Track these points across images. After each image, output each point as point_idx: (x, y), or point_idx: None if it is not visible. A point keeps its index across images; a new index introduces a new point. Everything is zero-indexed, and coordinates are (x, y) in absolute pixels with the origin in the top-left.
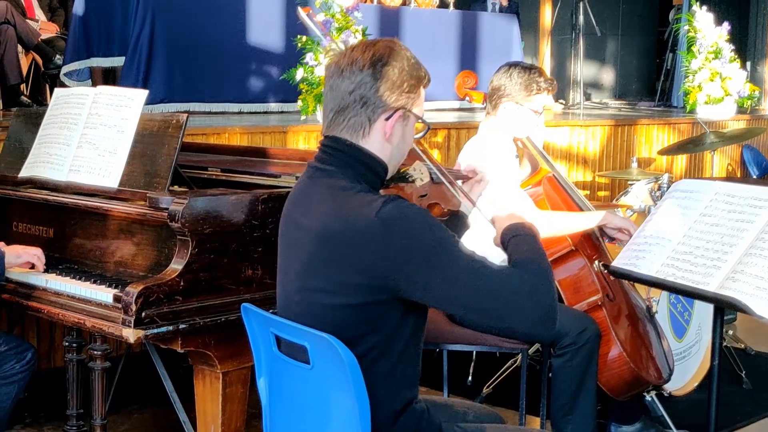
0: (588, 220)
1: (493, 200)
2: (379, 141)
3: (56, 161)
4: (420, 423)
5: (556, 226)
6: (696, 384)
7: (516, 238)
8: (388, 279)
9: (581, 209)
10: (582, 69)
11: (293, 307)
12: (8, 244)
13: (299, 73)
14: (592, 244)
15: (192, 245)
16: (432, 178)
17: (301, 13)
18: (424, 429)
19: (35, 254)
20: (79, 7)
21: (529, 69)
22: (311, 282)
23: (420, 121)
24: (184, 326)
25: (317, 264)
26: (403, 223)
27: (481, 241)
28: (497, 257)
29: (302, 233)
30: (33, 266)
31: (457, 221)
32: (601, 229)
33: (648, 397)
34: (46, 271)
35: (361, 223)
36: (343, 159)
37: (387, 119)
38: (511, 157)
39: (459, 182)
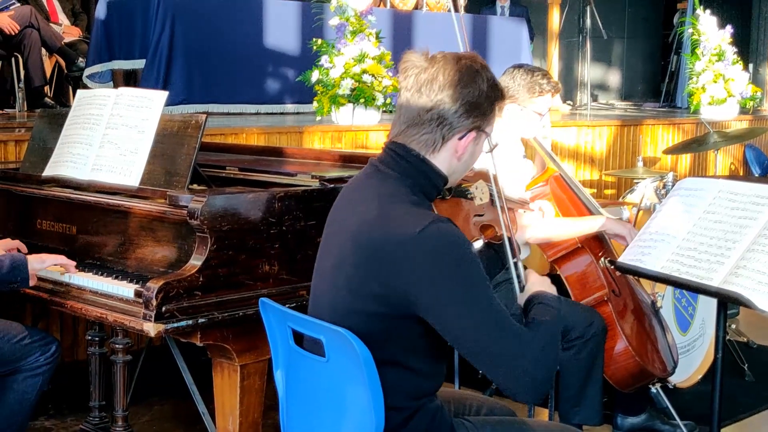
0: (587, 225)
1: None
2: (448, 157)
3: (79, 160)
4: (433, 422)
5: (556, 230)
6: (700, 376)
7: (541, 305)
8: (409, 295)
9: (587, 207)
10: (589, 71)
11: (324, 305)
12: (32, 241)
13: (314, 75)
14: (599, 241)
15: (211, 242)
16: (492, 200)
17: None
18: (436, 427)
19: (60, 262)
20: (101, 11)
21: (533, 71)
22: (339, 281)
23: (490, 139)
24: (203, 320)
25: (347, 264)
26: (441, 248)
27: None
28: None
29: (342, 229)
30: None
31: (505, 247)
32: None
33: (653, 390)
34: None
35: (401, 234)
36: (406, 167)
37: (460, 139)
38: (519, 157)
39: (521, 211)
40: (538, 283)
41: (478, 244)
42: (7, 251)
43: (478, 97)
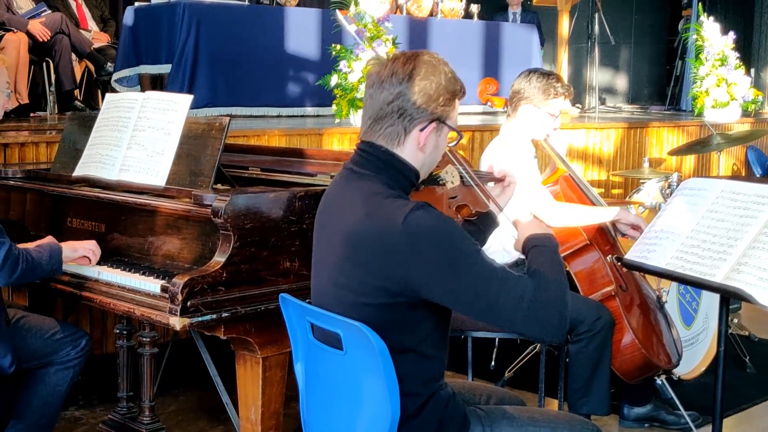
0: (603, 214)
1: (517, 196)
2: (413, 149)
3: (107, 161)
4: (446, 409)
5: (573, 217)
6: (703, 369)
7: (536, 248)
8: (409, 282)
9: (595, 206)
10: (597, 75)
11: (326, 300)
12: (63, 238)
13: (333, 80)
14: (606, 238)
15: (234, 239)
16: (462, 181)
17: (339, 15)
18: (449, 415)
19: (90, 248)
20: (128, 18)
21: (548, 75)
22: (340, 279)
23: (453, 130)
24: (226, 315)
25: (345, 263)
26: (427, 231)
27: (503, 241)
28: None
29: (334, 232)
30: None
31: (486, 220)
32: (614, 224)
33: (658, 381)
34: (98, 263)
35: (388, 228)
36: (377, 164)
37: (422, 130)
38: (530, 157)
39: (490, 184)
40: (528, 227)
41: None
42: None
43: (437, 89)
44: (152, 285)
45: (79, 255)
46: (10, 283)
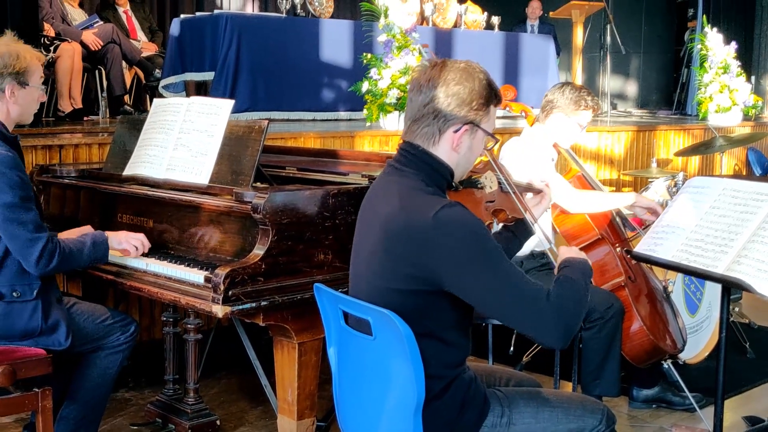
0: (621, 199)
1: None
2: (448, 149)
3: (155, 161)
4: (468, 391)
5: (592, 203)
6: (707, 354)
7: (567, 267)
8: (433, 273)
9: (612, 193)
10: (609, 82)
11: (362, 285)
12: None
13: (365, 86)
14: (617, 233)
15: (272, 234)
16: (500, 187)
17: None
18: (471, 396)
19: (137, 240)
20: (175, 29)
21: (580, 89)
22: (373, 265)
23: (487, 135)
24: (265, 303)
25: (378, 251)
26: (455, 226)
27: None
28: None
29: (371, 222)
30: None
31: (521, 227)
32: (624, 219)
33: (665, 365)
34: (146, 255)
35: (420, 220)
36: (415, 162)
37: (455, 131)
38: (549, 159)
39: (529, 195)
40: (566, 252)
41: (497, 227)
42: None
43: (470, 94)
44: (196, 276)
45: (123, 247)
46: (47, 272)
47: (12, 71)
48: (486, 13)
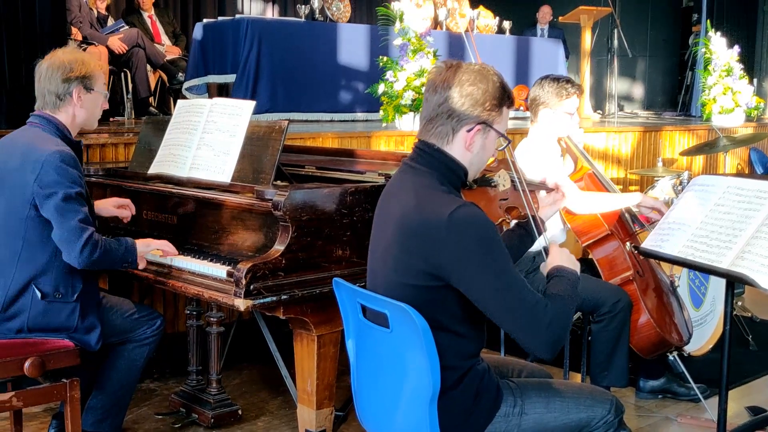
0: (626, 199)
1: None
2: (461, 148)
3: (179, 160)
4: (482, 382)
5: (599, 204)
6: (711, 346)
7: (558, 277)
8: (443, 269)
9: (618, 193)
10: (616, 85)
11: (378, 279)
12: (139, 229)
13: (381, 88)
14: (625, 229)
15: (292, 230)
16: (514, 186)
17: None
18: (485, 386)
19: (162, 247)
20: (198, 33)
21: (558, 79)
22: (389, 260)
23: (500, 135)
24: (285, 297)
25: (394, 246)
26: (467, 227)
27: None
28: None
29: (387, 219)
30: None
31: (533, 225)
32: (633, 215)
33: (671, 357)
34: None
35: (434, 218)
36: (430, 160)
37: (468, 131)
38: (556, 156)
39: (542, 193)
40: (557, 257)
41: (512, 224)
42: (118, 207)
43: (484, 94)
44: (219, 270)
45: (152, 250)
46: (87, 264)
47: (79, 75)
48: (497, 18)
